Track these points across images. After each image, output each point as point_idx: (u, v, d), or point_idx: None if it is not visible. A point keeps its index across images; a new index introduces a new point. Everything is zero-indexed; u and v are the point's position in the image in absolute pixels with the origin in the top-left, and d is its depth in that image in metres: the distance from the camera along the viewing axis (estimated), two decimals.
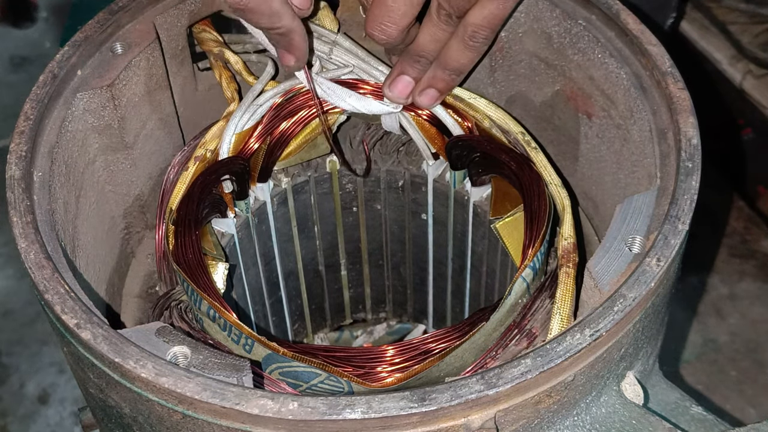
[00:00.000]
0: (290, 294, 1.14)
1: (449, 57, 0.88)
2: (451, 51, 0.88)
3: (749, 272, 1.73)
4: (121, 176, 0.92)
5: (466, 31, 0.86)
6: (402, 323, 1.28)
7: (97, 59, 0.87)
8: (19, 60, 2.28)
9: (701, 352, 1.62)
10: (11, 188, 0.74)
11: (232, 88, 0.95)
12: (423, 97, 0.92)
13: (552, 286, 0.79)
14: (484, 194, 0.97)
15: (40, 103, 0.80)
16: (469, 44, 0.87)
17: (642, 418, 0.69)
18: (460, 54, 0.88)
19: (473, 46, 0.87)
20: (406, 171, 1.04)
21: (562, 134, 0.97)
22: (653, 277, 0.67)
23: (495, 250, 0.99)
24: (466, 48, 0.87)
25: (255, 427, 0.60)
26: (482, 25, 0.85)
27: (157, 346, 0.66)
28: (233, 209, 0.94)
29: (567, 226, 0.82)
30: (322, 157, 1.02)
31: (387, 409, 0.59)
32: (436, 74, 0.90)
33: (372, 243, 1.15)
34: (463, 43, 0.87)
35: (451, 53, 0.88)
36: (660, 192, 0.74)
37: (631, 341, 0.69)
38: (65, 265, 0.71)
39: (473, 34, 0.86)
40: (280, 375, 0.76)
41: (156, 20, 0.90)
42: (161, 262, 0.87)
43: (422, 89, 0.91)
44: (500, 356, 0.76)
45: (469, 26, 0.85)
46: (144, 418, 0.65)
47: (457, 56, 0.88)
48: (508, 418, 0.63)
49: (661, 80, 0.80)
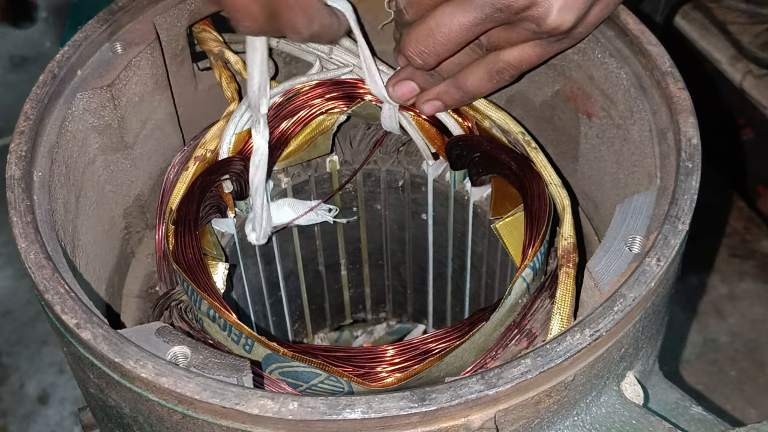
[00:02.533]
0: (290, 294, 1.14)
1: (468, 81, 0.86)
2: (472, 76, 0.85)
3: (749, 272, 1.73)
4: (121, 176, 0.92)
5: (496, 65, 0.83)
6: (402, 323, 1.28)
7: (97, 59, 0.87)
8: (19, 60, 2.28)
9: (701, 352, 1.62)
10: (11, 188, 0.73)
11: (232, 88, 0.95)
12: (427, 106, 0.91)
13: (552, 286, 0.79)
14: (484, 194, 0.97)
15: (40, 103, 0.80)
16: (495, 78, 0.84)
17: (642, 418, 0.69)
18: (480, 82, 0.85)
19: (497, 81, 0.85)
20: (406, 171, 1.04)
21: (562, 134, 0.97)
22: (653, 277, 0.67)
23: (495, 250, 0.99)
24: (490, 80, 0.85)
25: (255, 427, 0.60)
26: (515, 65, 0.83)
27: (157, 346, 0.66)
28: (233, 209, 0.94)
29: (567, 226, 0.82)
30: (322, 157, 1.02)
31: (387, 409, 0.59)
32: (448, 90, 0.88)
33: (372, 243, 1.15)
34: (488, 75, 0.84)
35: (471, 78, 0.85)
36: (660, 192, 0.74)
37: (631, 341, 0.69)
38: (65, 265, 0.71)
39: (502, 70, 0.83)
40: (280, 375, 0.76)
41: (156, 20, 0.90)
42: (161, 262, 0.87)
43: (429, 99, 0.90)
44: (500, 356, 0.76)
45: (501, 62, 0.83)
46: (144, 418, 0.65)
47: (477, 83, 0.86)
48: (508, 418, 0.63)
49: (661, 80, 0.80)
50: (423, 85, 0.89)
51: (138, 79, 0.89)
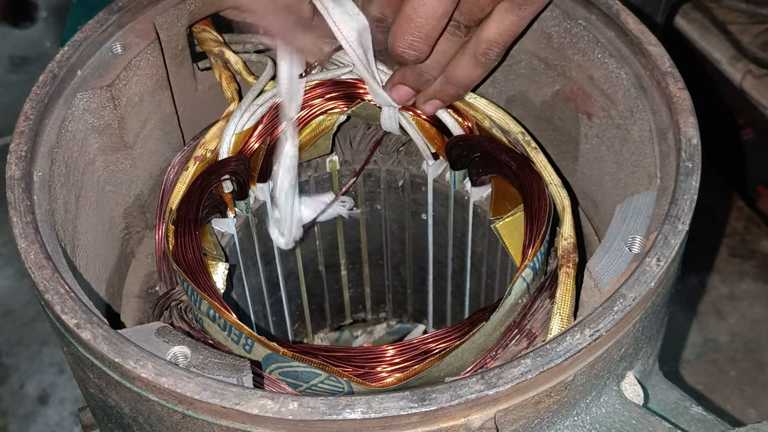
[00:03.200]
0: (290, 294, 1.14)
1: (458, 73, 0.86)
2: (460, 67, 0.86)
3: (749, 272, 1.73)
4: (121, 176, 0.92)
5: (479, 47, 0.83)
6: (402, 323, 1.28)
7: (97, 59, 0.87)
8: (19, 60, 2.28)
9: (701, 352, 1.62)
10: (11, 188, 0.74)
11: (232, 88, 0.95)
12: (427, 106, 0.92)
13: (552, 286, 0.79)
14: (484, 194, 0.97)
15: (40, 103, 0.80)
16: (481, 60, 0.84)
17: (642, 418, 0.69)
18: (469, 70, 0.86)
19: (484, 63, 0.85)
20: (406, 171, 1.04)
21: (562, 134, 0.97)
22: (653, 277, 0.67)
23: (495, 250, 0.99)
24: (477, 64, 0.85)
25: (255, 427, 0.60)
26: (496, 41, 0.82)
27: (157, 346, 0.66)
28: (233, 209, 0.94)
29: (567, 226, 0.82)
30: (322, 157, 1.02)
31: (387, 409, 0.59)
32: (443, 88, 0.88)
33: (372, 243, 1.15)
34: (474, 59, 0.84)
35: (460, 69, 0.86)
36: (660, 192, 0.74)
37: (631, 341, 0.69)
38: (65, 265, 0.71)
39: (486, 50, 0.83)
40: (280, 375, 0.76)
41: (156, 20, 0.90)
42: (161, 262, 0.87)
43: (427, 99, 0.91)
44: (500, 356, 0.76)
45: (483, 42, 0.83)
46: (144, 418, 0.65)
47: (467, 72, 0.86)
48: (508, 418, 0.63)
49: (661, 80, 0.80)
50: (415, 85, 0.89)
51: (138, 79, 0.89)
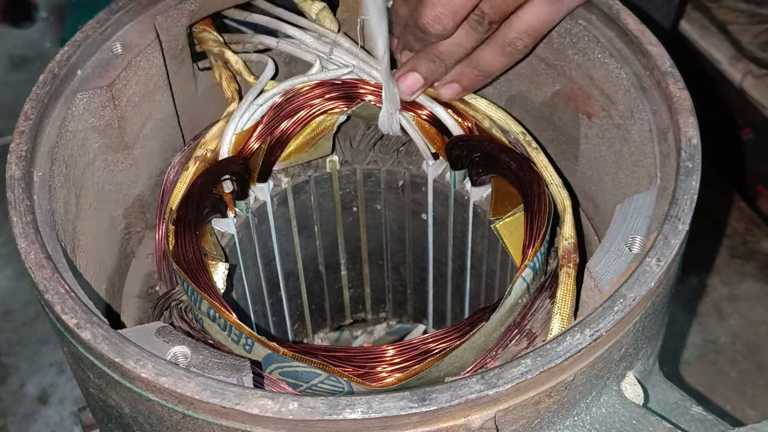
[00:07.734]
0: (290, 294, 1.14)
1: (482, 59, 0.85)
2: (484, 54, 0.84)
3: (750, 273, 1.73)
4: (121, 176, 0.92)
5: (506, 37, 0.81)
6: (402, 323, 1.28)
7: (97, 59, 0.87)
8: (19, 60, 2.28)
9: (701, 353, 1.62)
10: (11, 188, 0.74)
11: (232, 88, 0.95)
12: (446, 89, 0.89)
13: (552, 286, 0.79)
14: (484, 194, 0.97)
15: (40, 103, 0.80)
16: (507, 50, 0.82)
17: (642, 418, 0.69)
18: (494, 59, 0.84)
19: (510, 53, 0.83)
20: (406, 171, 1.04)
21: (562, 134, 0.97)
22: (653, 277, 0.67)
23: (495, 250, 0.99)
24: (503, 54, 0.83)
25: (255, 427, 0.60)
26: (527, 31, 0.80)
27: (157, 346, 0.66)
28: (233, 209, 0.94)
29: (568, 226, 0.82)
30: (322, 158, 1.02)
31: (387, 409, 0.59)
32: (464, 71, 0.87)
33: (372, 243, 1.15)
34: (500, 48, 0.82)
35: (484, 56, 0.84)
36: (660, 192, 0.74)
37: (631, 341, 0.69)
38: (65, 265, 0.71)
39: (514, 40, 0.81)
40: (280, 375, 0.76)
41: (156, 20, 0.90)
42: (161, 262, 0.87)
43: (447, 82, 0.88)
44: (500, 356, 0.76)
45: (512, 32, 0.81)
46: (144, 418, 0.65)
47: (491, 60, 0.84)
48: (508, 418, 0.63)
49: (661, 80, 0.80)
50: (426, 73, 0.88)
51: (138, 79, 0.89)
